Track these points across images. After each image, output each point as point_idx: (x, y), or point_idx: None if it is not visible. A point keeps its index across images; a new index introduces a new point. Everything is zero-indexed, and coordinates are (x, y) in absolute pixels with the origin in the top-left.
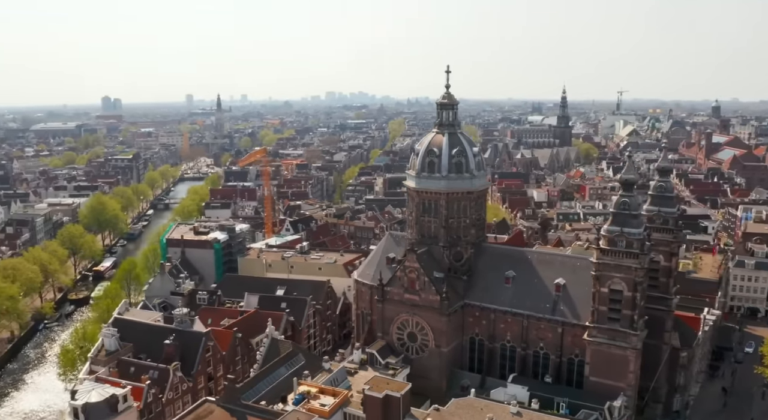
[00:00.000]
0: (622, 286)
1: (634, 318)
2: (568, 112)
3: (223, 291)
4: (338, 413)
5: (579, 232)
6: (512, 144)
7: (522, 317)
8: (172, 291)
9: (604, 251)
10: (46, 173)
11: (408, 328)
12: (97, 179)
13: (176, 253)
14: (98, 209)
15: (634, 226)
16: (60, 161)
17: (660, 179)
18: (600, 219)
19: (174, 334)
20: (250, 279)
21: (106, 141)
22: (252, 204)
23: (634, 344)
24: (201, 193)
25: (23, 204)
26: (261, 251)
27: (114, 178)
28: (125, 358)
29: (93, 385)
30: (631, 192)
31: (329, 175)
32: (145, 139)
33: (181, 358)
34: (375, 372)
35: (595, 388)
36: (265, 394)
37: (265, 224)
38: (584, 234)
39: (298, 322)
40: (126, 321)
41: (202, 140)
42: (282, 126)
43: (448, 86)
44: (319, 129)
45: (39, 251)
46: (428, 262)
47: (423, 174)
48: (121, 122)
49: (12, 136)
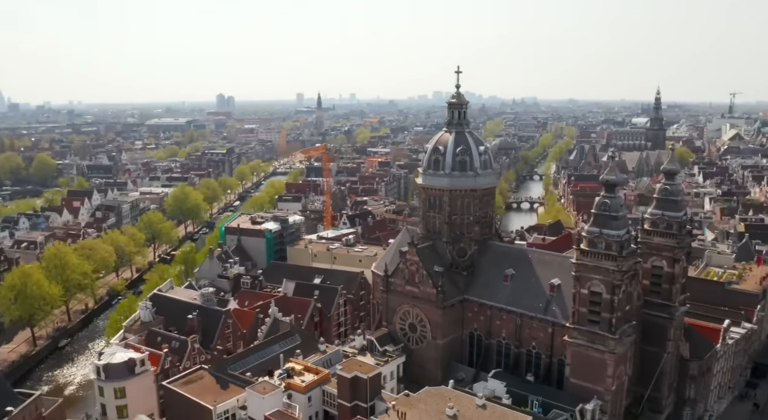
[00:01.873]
0: (601, 288)
1: (612, 321)
2: (662, 113)
3: (266, 277)
4: (316, 390)
5: None
6: (599, 146)
7: (516, 315)
8: (219, 274)
9: (584, 252)
10: (147, 165)
11: (409, 318)
12: (190, 171)
13: (233, 241)
14: (181, 199)
15: (613, 227)
16: (164, 154)
17: (666, 182)
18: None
19: (197, 311)
20: (292, 267)
21: (211, 136)
22: (322, 198)
23: (612, 348)
24: (277, 186)
25: (120, 192)
26: (309, 242)
27: (205, 170)
28: (155, 329)
29: (117, 350)
30: (612, 193)
31: (409, 174)
32: (246, 135)
33: (203, 333)
34: (373, 358)
35: (575, 389)
36: (253, 367)
37: (324, 217)
38: None
39: (327, 309)
40: (162, 297)
41: (299, 137)
42: (380, 124)
43: (458, 86)
44: (415, 128)
45: (117, 234)
46: (430, 256)
47: (429, 171)
48: (230, 118)
49: (128, 130)
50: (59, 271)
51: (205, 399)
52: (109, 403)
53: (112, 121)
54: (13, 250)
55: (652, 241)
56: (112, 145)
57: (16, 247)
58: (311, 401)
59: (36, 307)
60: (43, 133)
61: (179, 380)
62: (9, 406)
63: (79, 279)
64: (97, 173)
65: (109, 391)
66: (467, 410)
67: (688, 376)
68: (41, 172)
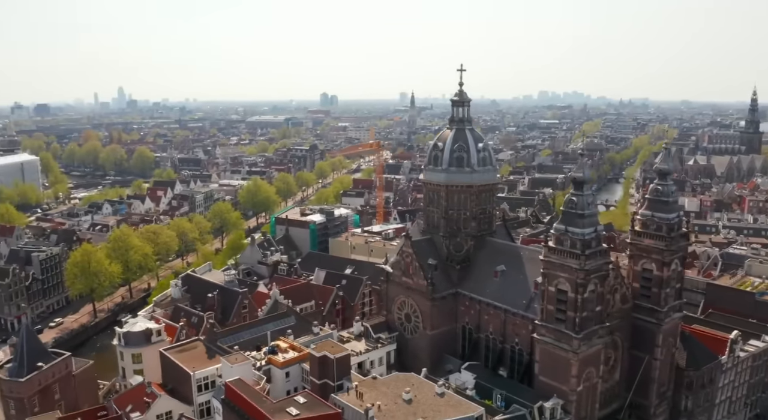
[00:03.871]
0: (567, 286)
1: (576, 321)
2: (758, 116)
3: (302, 265)
4: (295, 367)
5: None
6: (687, 149)
7: (501, 311)
8: (259, 260)
9: (551, 249)
10: (236, 159)
11: (405, 309)
12: (271, 166)
13: (282, 230)
14: (254, 191)
15: (579, 225)
16: (255, 149)
17: (658, 182)
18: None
19: (217, 290)
20: (328, 257)
21: (305, 133)
22: (386, 194)
23: (576, 348)
24: (345, 182)
25: (202, 183)
26: (351, 235)
27: (286, 166)
28: (180, 305)
29: (139, 320)
30: (581, 190)
31: None
32: (337, 133)
33: (222, 311)
34: (366, 343)
35: (543, 387)
36: (243, 341)
37: (377, 212)
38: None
39: (351, 298)
40: (193, 277)
41: (389, 135)
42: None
43: (462, 84)
44: (507, 128)
45: (183, 221)
46: (427, 250)
47: (429, 166)
48: (327, 116)
49: (229, 127)
50: (122, 252)
51: (191, 366)
52: (128, 367)
53: (218, 118)
54: (88, 231)
55: (641, 243)
56: (211, 140)
57: (92, 229)
58: (289, 377)
59: (96, 282)
60: (152, 128)
61: (176, 348)
62: (41, 362)
63: (140, 260)
64: (187, 166)
65: (127, 356)
66: (425, 397)
67: (683, 387)
68: (141, 164)
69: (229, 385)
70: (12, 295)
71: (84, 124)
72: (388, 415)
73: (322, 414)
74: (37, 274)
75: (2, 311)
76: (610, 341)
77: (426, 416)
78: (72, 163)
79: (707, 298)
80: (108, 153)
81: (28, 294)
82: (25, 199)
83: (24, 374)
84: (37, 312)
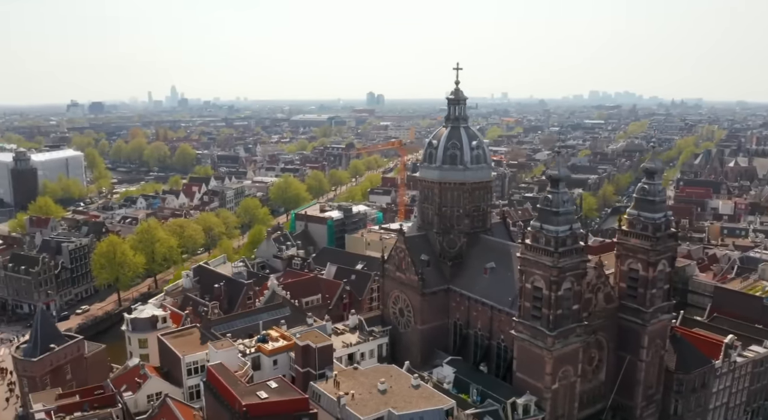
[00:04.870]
0: (542, 283)
1: (550, 318)
2: None
3: (316, 260)
4: (283, 355)
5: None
6: (728, 151)
7: (488, 308)
8: (274, 254)
9: (527, 247)
10: (274, 156)
11: (399, 303)
12: (306, 164)
13: (301, 226)
14: (284, 188)
15: (553, 223)
16: (294, 147)
17: (645, 181)
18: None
19: (224, 281)
20: (341, 252)
21: (346, 132)
22: (412, 192)
23: (549, 345)
24: (374, 180)
25: (237, 180)
26: (368, 231)
27: (320, 163)
28: (190, 294)
29: (147, 308)
30: (556, 188)
31: (518, 173)
32: (377, 132)
33: (228, 300)
34: (359, 335)
35: (520, 384)
36: (237, 330)
37: (398, 210)
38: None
39: (359, 293)
40: (204, 269)
41: (428, 135)
42: (517, 124)
43: (458, 82)
44: (550, 128)
45: (210, 216)
46: (420, 246)
47: (424, 164)
48: (371, 116)
49: (274, 125)
50: (147, 244)
51: (183, 350)
52: (135, 351)
53: (263, 116)
54: (119, 224)
55: (628, 243)
56: (253, 138)
57: (122, 222)
58: (277, 364)
59: (121, 272)
60: (199, 125)
61: (173, 334)
62: (53, 344)
63: (165, 252)
64: (225, 163)
65: (134, 340)
66: (400, 388)
67: (673, 390)
68: (183, 160)
69: (210, 368)
70: (41, 283)
71: (134, 121)
72: (360, 404)
73: (290, 398)
74: (66, 263)
75: (32, 297)
76: (594, 341)
77: (396, 406)
78: (119, 160)
79: (714, 301)
80: (152, 150)
81: (57, 282)
82: (68, 193)
83: (37, 354)
84: (65, 299)
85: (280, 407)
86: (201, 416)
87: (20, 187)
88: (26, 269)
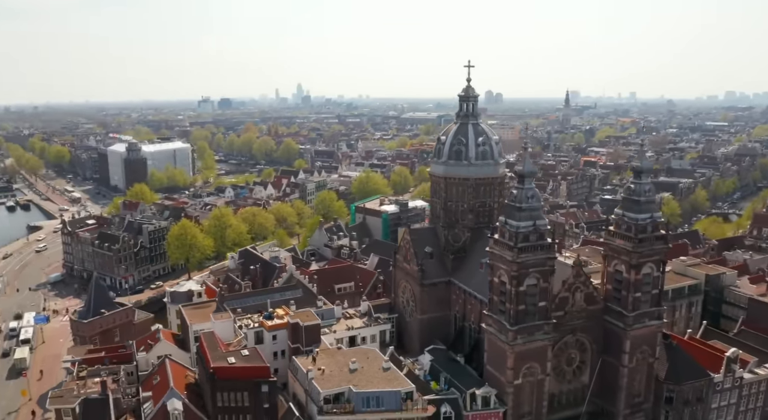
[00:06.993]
0: (505, 278)
1: (512, 313)
2: None
3: (363, 251)
4: (282, 331)
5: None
6: None
7: (479, 301)
8: (325, 243)
9: (495, 241)
10: (369, 153)
11: (406, 293)
12: (396, 160)
13: (360, 218)
14: (364, 183)
15: (516, 218)
16: (394, 144)
17: (632, 180)
18: None
19: (260, 264)
20: (386, 244)
21: None
22: None
23: (510, 340)
24: None
25: (327, 174)
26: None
27: (409, 160)
28: (231, 274)
29: (188, 283)
30: (522, 184)
31: (611, 174)
32: None
33: (263, 281)
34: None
35: (489, 377)
36: (248, 306)
37: None
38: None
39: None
40: (248, 252)
41: (534, 134)
42: (633, 124)
43: (469, 80)
44: (668, 130)
45: (284, 206)
46: (426, 238)
47: (433, 159)
48: (483, 114)
49: (383, 122)
50: (219, 229)
51: (195, 320)
52: (173, 321)
53: (377, 114)
54: (199, 210)
55: (613, 243)
56: (358, 134)
57: (203, 208)
58: (276, 339)
59: (191, 254)
60: (313, 122)
61: (193, 306)
62: (104, 310)
63: (235, 237)
64: (321, 157)
65: (173, 311)
66: (370, 369)
67: (663, 400)
68: (286, 154)
69: (202, 335)
70: (122, 259)
71: (254, 117)
72: (326, 378)
73: (252, 365)
74: (145, 242)
75: (113, 272)
76: (574, 341)
77: (358, 384)
78: (231, 152)
79: (748, 314)
80: (260, 144)
81: (136, 259)
82: (173, 181)
83: (89, 317)
84: (143, 275)
85: (244, 372)
86: (193, 377)
87: (131, 174)
88: (109, 246)
